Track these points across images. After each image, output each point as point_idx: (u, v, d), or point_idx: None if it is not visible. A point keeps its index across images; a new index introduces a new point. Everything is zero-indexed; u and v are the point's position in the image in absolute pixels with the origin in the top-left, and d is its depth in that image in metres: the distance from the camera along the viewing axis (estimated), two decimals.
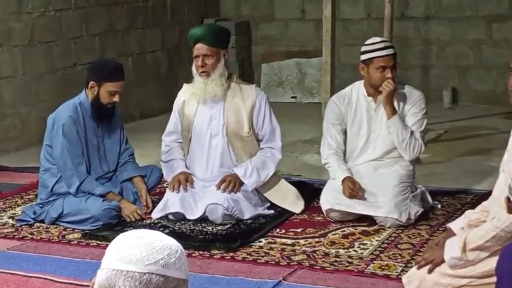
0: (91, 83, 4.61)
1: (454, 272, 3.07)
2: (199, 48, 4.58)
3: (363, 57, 4.49)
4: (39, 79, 7.09)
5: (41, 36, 7.07)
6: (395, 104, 4.52)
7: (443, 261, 3.10)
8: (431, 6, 8.57)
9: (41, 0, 7.06)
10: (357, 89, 4.64)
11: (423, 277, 3.15)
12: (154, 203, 4.74)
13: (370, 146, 4.61)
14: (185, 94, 4.79)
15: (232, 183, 4.57)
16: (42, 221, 4.65)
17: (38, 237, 4.45)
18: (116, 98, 4.63)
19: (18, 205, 5.10)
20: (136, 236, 1.60)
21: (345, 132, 4.65)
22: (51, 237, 4.45)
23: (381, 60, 4.44)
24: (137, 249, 1.57)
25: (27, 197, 5.29)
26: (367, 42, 4.56)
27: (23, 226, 4.63)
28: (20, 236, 4.48)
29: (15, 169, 6.10)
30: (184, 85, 4.84)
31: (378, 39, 4.63)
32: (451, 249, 3.08)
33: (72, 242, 4.37)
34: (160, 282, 1.56)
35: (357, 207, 4.43)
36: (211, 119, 4.70)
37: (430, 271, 3.14)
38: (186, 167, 4.77)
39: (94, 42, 7.67)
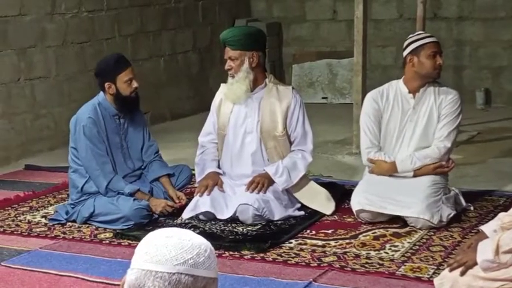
0: (106, 84, 4.66)
1: (487, 274, 3.04)
2: (226, 51, 4.67)
3: (413, 46, 4.49)
4: (72, 79, 7.15)
5: (74, 37, 7.14)
6: (432, 99, 4.51)
7: (475, 263, 3.07)
8: (464, 6, 8.50)
9: (74, 1, 7.13)
10: (395, 88, 4.61)
11: (455, 279, 3.12)
12: (186, 202, 4.75)
13: (402, 144, 4.58)
14: (222, 93, 4.83)
15: (260, 184, 4.58)
16: (74, 221, 4.69)
17: (70, 237, 4.49)
18: (135, 84, 4.67)
19: (51, 204, 5.15)
20: (164, 236, 1.60)
21: (381, 128, 4.63)
22: (83, 237, 4.49)
23: (432, 46, 4.48)
24: (166, 249, 1.57)
25: (60, 196, 5.35)
26: (410, 36, 4.60)
27: (56, 225, 4.68)
28: (53, 235, 4.52)
29: (48, 169, 6.17)
30: (222, 85, 4.88)
31: (420, 31, 4.71)
32: (484, 251, 3.05)
33: (103, 242, 4.40)
34: (190, 282, 1.56)
35: (388, 207, 4.41)
36: (246, 116, 4.72)
37: (463, 273, 3.11)
38: (219, 167, 4.79)
39: (126, 43, 7.72)
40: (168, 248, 1.57)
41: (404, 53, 4.54)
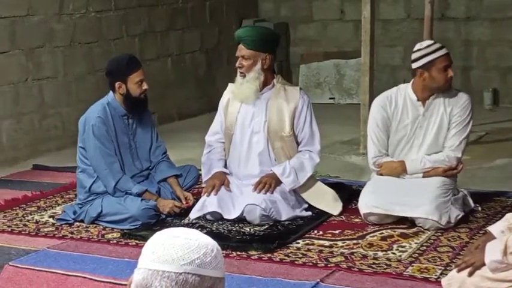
0: (117, 84, 4.67)
1: (495, 275, 3.03)
2: (239, 49, 4.64)
3: (422, 61, 4.38)
4: (80, 79, 7.17)
5: (81, 37, 7.15)
6: (442, 106, 4.48)
7: (483, 264, 3.06)
8: (472, 6, 8.48)
9: (82, 1, 7.14)
10: (403, 93, 4.55)
11: (463, 280, 3.12)
12: (193, 202, 4.75)
13: (411, 150, 4.56)
14: (229, 93, 4.83)
15: (268, 184, 4.58)
16: (82, 221, 4.70)
17: (78, 237, 4.50)
18: (145, 86, 4.69)
19: (59, 204, 5.16)
20: (171, 235, 1.60)
21: (389, 135, 4.60)
22: (90, 237, 4.49)
23: (444, 60, 4.39)
24: (173, 248, 1.57)
25: (68, 196, 5.36)
26: (419, 47, 4.45)
27: (63, 225, 4.69)
28: (60, 235, 4.53)
29: (55, 169, 6.18)
30: (230, 84, 4.88)
31: (429, 41, 4.60)
32: (492, 252, 3.04)
33: (111, 242, 4.40)
34: (196, 282, 1.56)
35: (395, 209, 4.39)
36: (253, 116, 4.72)
37: (470, 274, 3.10)
38: (226, 166, 4.79)
39: (134, 43, 7.73)
40: (175, 247, 1.57)
41: (414, 65, 4.44)
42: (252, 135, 4.73)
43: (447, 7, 8.55)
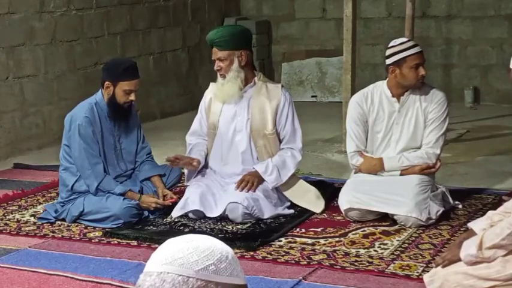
0: (106, 83, 4.64)
1: (478, 273, 3.05)
2: (213, 52, 4.66)
3: (394, 58, 4.44)
4: (61, 78, 7.13)
5: (63, 35, 7.11)
6: (417, 102, 4.52)
7: (459, 259, 3.08)
8: (453, 5, 8.52)
9: None
10: (379, 90, 4.60)
11: (446, 277, 3.13)
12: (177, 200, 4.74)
13: (389, 146, 4.59)
14: (211, 92, 4.83)
15: (250, 182, 4.58)
16: (64, 220, 4.68)
17: (59, 235, 4.48)
18: (132, 97, 4.64)
19: (40, 203, 5.14)
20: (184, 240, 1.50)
21: (367, 131, 4.64)
22: (72, 236, 4.48)
23: (415, 58, 4.42)
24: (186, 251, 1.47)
25: (49, 195, 5.33)
26: (393, 44, 4.51)
27: (45, 224, 4.67)
28: (42, 234, 4.51)
29: (37, 167, 6.15)
30: (211, 84, 4.88)
31: (403, 39, 4.64)
32: (468, 247, 3.07)
33: (93, 240, 4.39)
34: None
35: (376, 205, 4.41)
36: (235, 114, 4.72)
37: (444, 266, 3.13)
38: (206, 163, 4.80)
39: (115, 41, 7.70)
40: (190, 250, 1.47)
41: (387, 62, 4.50)
42: (235, 133, 4.73)
43: (428, 5, 8.58)
